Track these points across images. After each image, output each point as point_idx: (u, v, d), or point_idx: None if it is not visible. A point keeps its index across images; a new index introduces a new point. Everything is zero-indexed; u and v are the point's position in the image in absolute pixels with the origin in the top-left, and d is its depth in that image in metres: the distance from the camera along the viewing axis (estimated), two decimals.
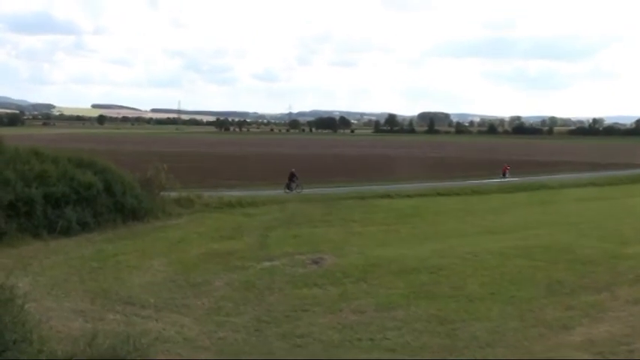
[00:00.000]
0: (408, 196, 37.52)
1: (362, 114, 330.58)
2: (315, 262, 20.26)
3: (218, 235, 24.94)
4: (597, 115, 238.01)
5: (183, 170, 40.79)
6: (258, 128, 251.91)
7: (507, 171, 53.04)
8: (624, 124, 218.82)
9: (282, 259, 20.85)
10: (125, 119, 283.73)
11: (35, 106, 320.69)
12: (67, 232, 23.18)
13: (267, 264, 20.20)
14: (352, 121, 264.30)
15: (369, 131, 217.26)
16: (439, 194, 39.25)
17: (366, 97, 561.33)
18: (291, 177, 39.70)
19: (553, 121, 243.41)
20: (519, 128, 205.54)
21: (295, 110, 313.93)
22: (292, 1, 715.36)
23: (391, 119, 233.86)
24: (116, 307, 15.22)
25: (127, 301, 15.83)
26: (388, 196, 37.11)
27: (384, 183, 43.88)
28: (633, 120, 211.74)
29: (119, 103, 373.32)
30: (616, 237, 24.31)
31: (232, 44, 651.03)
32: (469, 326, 13.88)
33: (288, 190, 38.74)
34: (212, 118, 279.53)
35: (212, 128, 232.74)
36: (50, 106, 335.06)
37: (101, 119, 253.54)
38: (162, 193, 29.80)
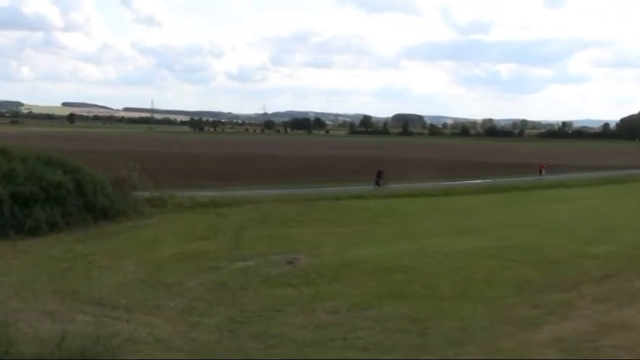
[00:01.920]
0: (381, 196, 37.76)
1: (337, 115, 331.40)
2: (289, 263, 20.29)
3: (191, 236, 24.82)
4: (566, 118, 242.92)
5: (156, 170, 40.46)
6: (232, 128, 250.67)
7: (544, 170, 55.91)
8: (592, 128, 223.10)
9: (256, 259, 20.84)
10: (96, 118, 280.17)
11: (2, 104, 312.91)
12: (35, 232, 22.86)
13: (240, 264, 20.16)
14: (327, 122, 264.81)
15: (344, 132, 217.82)
16: (411, 195, 39.55)
17: (340, 98, 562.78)
18: (379, 174, 44.50)
19: (524, 124, 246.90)
20: (491, 131, 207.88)
21: (270, 110, 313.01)
22: (267, 0, 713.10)
23: (366, 121, 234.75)
24: (86, 308, 15.04)
25: (97, 301, 15.66)
26: (361, 196, 37.29)
27: (357, 184, 44.09)
28: (601, 124, 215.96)
29: (90, 102, 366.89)
30: (582, 237, 24.79)
31: (206, 43, 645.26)
32: (440, 325, 14.03)
33: (377, 186, 43.28)
34: (186, 118, 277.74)
35: (186, 128, 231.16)
36: (18, 104, 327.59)
37: (72, 118, 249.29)
38: (134, 193, 29.56)
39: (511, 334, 13.44)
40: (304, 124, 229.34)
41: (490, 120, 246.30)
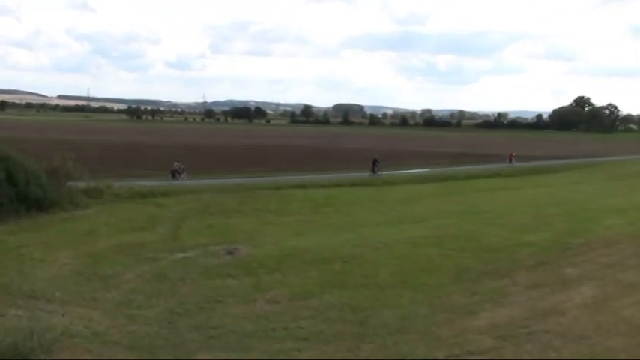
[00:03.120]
0: (322, 186, 37.85)
1: (277, 104, 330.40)
2: (230, 253, 20.16)
3: (129, 227, 24.30)
4: (502, 109, 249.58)
5: (93, 159, 39.42)
6: (171, 117, 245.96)
7: (513, 158, 58.31)
8: (526, 119, 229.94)
9: (196, 249, 20.62)
10: (29, 105, 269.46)
11: None
12: None
13: (180, 255, 19.91)
14: (268, 111, 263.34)
15: (285, 122, 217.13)
16: (353, 185, 39.80)
17: (281, 87, 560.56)
18: (375, 162, 45.99)
19: (461, 114, 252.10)
20: (430, 121, 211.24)
21: (210, 99, 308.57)
22: None
23: (306, 110, 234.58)
24: (19, 301, 14.58)
25: (30, 295, 15.20)
26: (302, 186, 37.29)
27: (299, 173, 44.07)
28: (534, 114, 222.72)
29: (23, 89, 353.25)
30: (517, 226, 25.64)
31: (144, 30, 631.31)
32: (380, 313, 14.25)
33: (372, 174, 44.74)
34: (123, 106, 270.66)
35: (123, 116, 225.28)
36: None
37: (2, 105, 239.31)
38: (69, 183, 28.68)
39: (449, 321, 13.78)
40: (245, 113, 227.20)
41: (429, 110, 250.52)
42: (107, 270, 17.76)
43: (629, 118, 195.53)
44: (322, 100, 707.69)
